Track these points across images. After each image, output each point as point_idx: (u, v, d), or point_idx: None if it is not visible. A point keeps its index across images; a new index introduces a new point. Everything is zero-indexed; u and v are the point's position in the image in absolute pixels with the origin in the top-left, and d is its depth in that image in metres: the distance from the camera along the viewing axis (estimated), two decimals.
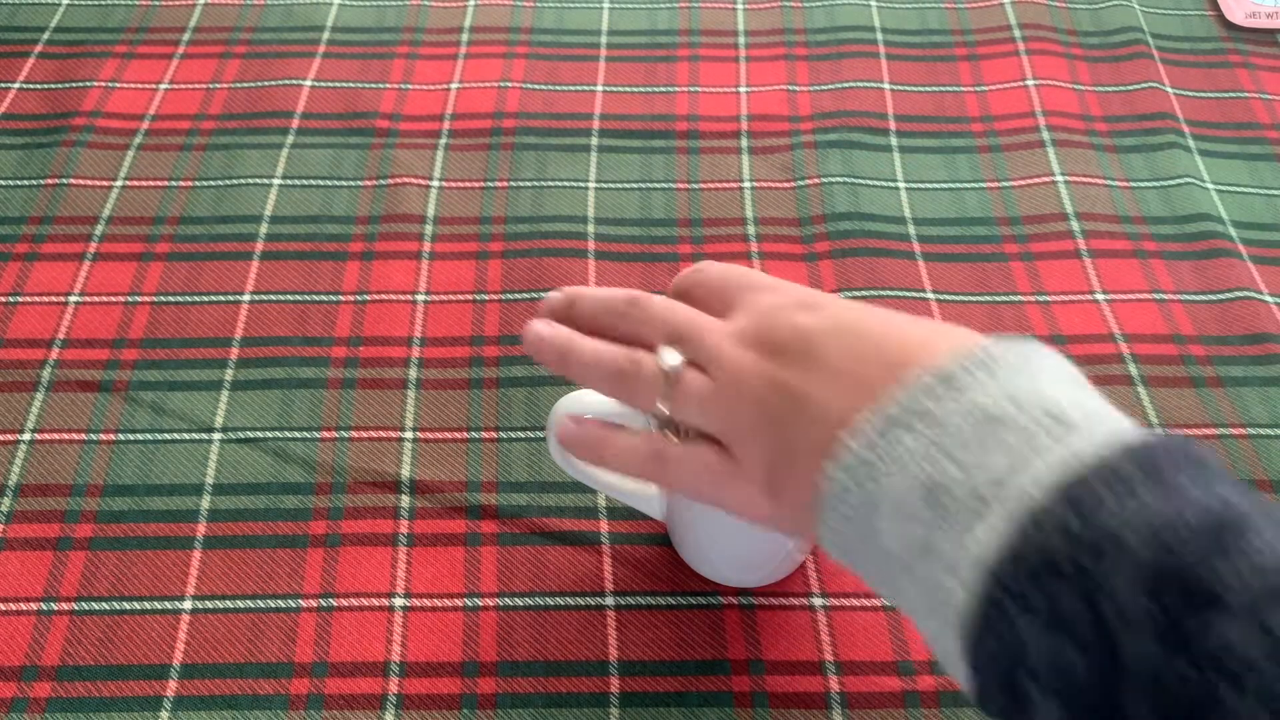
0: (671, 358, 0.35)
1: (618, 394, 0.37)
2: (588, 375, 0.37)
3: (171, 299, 0.62)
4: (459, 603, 0.50)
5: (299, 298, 0.62)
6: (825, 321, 0.33)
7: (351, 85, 0.74)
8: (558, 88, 0.75)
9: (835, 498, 0.30)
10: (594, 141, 0.71)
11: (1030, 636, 0.26)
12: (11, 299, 0.61)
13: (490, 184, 0.68)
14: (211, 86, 0.74)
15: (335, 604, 0.50)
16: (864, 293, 0.62)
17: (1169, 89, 0.75)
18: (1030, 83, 0.75)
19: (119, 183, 0.68)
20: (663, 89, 0.75)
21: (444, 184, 0.68)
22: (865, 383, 0.31)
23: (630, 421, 0.46)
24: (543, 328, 0.38)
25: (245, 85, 0.74)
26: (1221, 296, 0.62)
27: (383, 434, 0.56)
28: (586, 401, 0.46)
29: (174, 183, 0.68)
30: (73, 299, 0.61)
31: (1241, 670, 0.24)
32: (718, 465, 0.34)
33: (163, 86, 0.74)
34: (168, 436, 0.56)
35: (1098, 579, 0.26)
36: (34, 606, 0.49)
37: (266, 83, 0.74)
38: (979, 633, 0.27)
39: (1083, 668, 0.25)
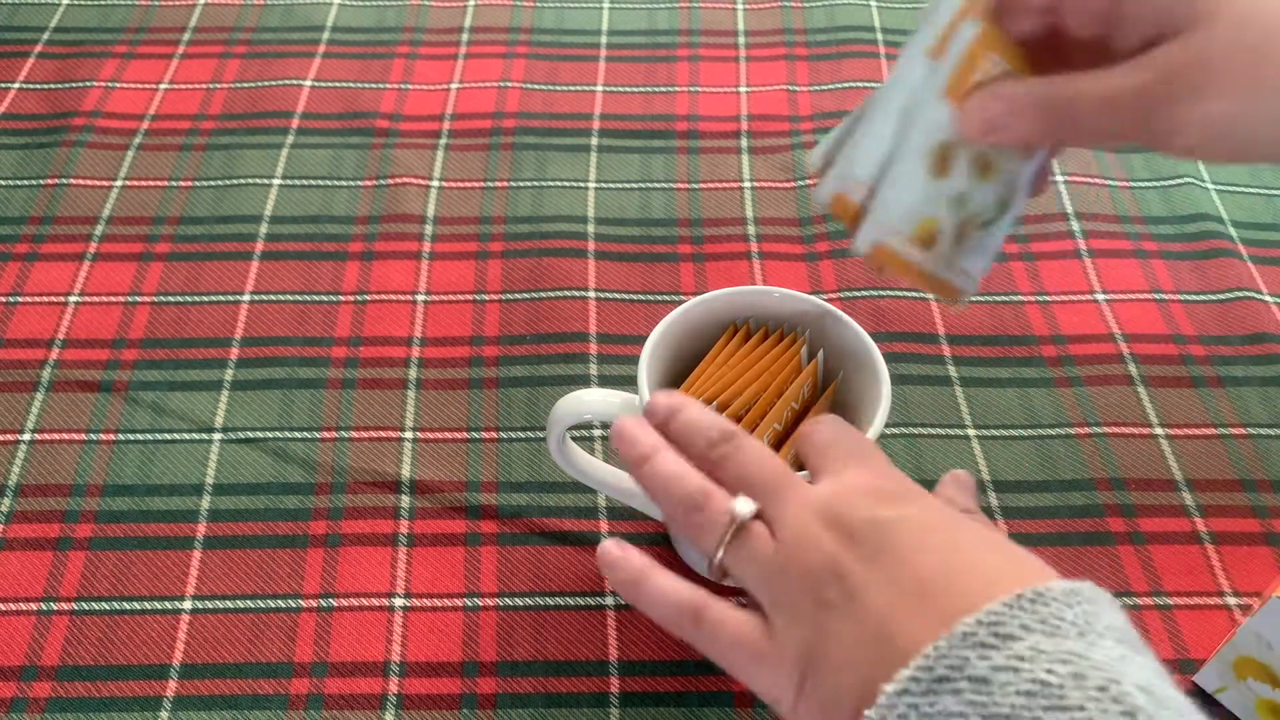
0: (745, 506, 0.33)
1: (684, 524, 0.34)
2: (658, 492, 0.35)
3: (171, 299, 0.62)
4: (459, 603, 0.50)
5: (299, 298, 0.62)
6: (904, 520, 0.31)
7: (351, 85, 0.74)
8: (558, 88, 0.75)
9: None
10: (594, 141, 0.71)
11: None
12: (11, 299, 0.61)
13: (490, 184, 0.68)
14: (211, 86, 0.74)
15: (335, 604, 0.50)
16: (865, 293, 0.62)
17: None
18: None
19: (119, 183, 0.68)
20: (663, 89, 0.75)
21: (444, 184, 0.68)
22: (922, 602, 0.29)
23: (627, 411, 0.46)
24: (632, 428, 0.36)
25: (245, 85, 0.74)
26: (1221, 296, 0.62)
27: (383, 434, 0.56)
28: (587, 402, 0.46)
29: (174, 183, 0.68)
30: (72, 299, 0.61)
31: None
32: (754, 638, 0.32)
33: (163, 86, 0.74)
34: (168, 436, 0.56)
35: None
36: (34, 606, 0.49)
37: (266, 83, 0.74)
38: None
39: None
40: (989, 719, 0.26)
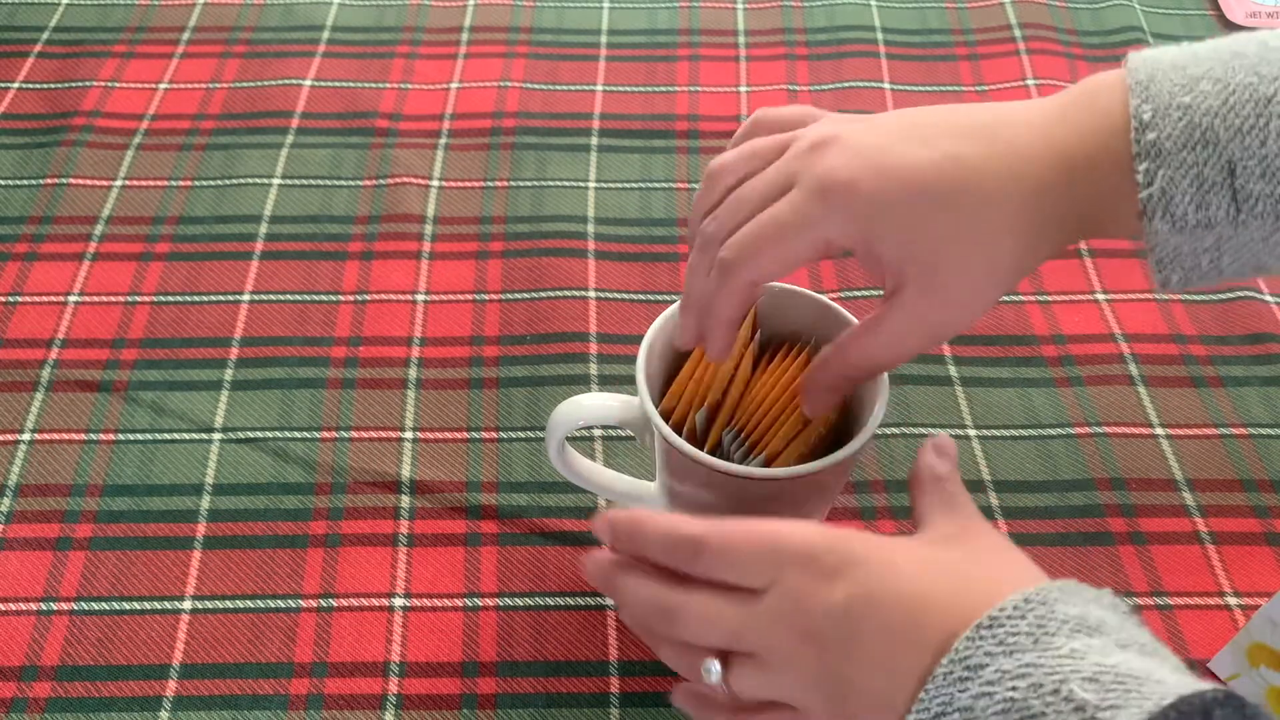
0: (712, 673, 0.37)
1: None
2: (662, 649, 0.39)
3: (171, 299, 0.62)
4: (459, 603, 0.50)
5: (299, 298, 0.62)
6: (855, 597, 0.34)
7: (351, 85, 0.74)
8: (558, 88, 0.74)
9: None
10: (594, 141, 0.71)
11: None
12: (11, 299, 0.61)
13: (490, 184, 0.68)
14: (211, 86, 0.74)
15: (335, 604, 0.50)
16: (865, 293, 0.62)
17: None
18: (1030, 82, 0.75)
19: (118, 182, 0.68)
20: (663, 89, 0.75)
21: (444, 184, 0.68)
22: (903, 664, 0.33)
23: (629, 427, 0.46)
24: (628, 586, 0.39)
25: (245, 85, 0.74)
26: (1222, 296, 0.62)
27: (383, 434, 0.56)
28: (585, 407, 0.46)
29: (174, 183, 0.68)
30: (72, 299, 0.61)
31: None
32: None
33: (162, 86, 0.74)
34: (167, 436, 0.56)
35: None
36: (34, 606, 0.49)
37: (266, 82, 0.74)
38: None
39: None
40: None
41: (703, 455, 0.41)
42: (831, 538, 0.36)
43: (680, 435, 0.43)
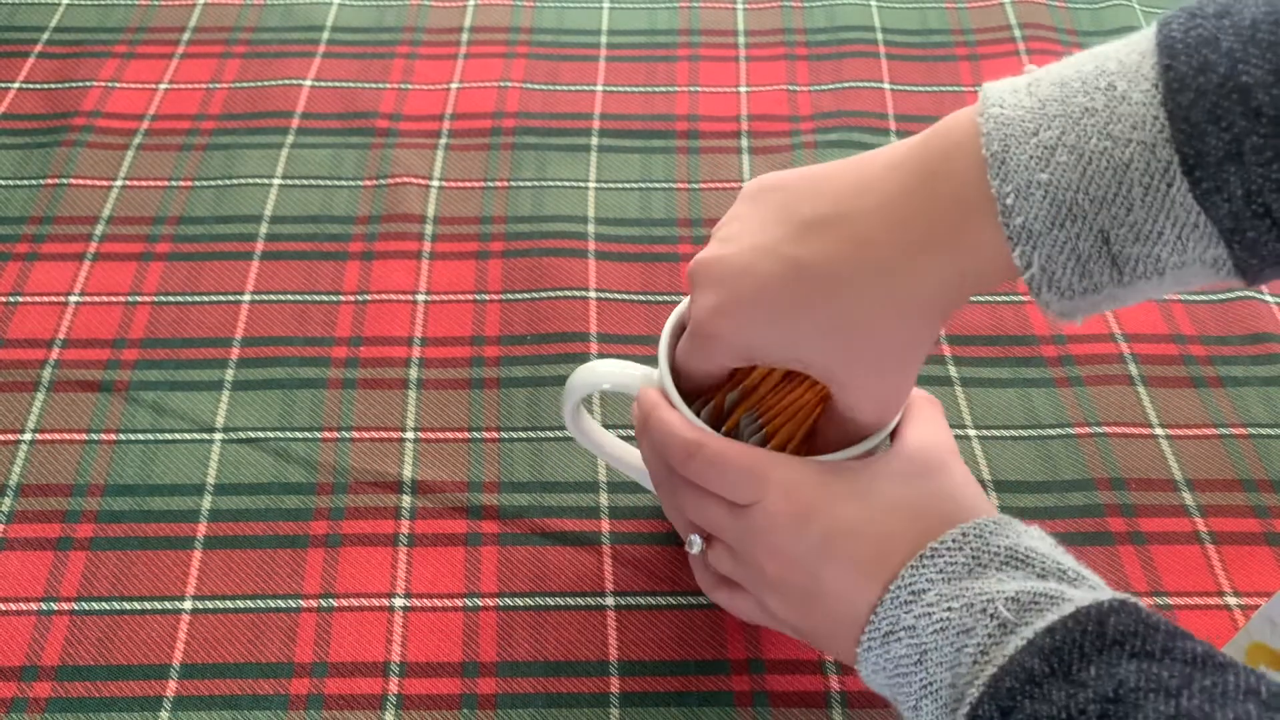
0: (695, 545, 0.44)
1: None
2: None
3: (171, 299, 0.62)
4: (459, 603, 0.50)
5: (299, 298, 0.62)
6: (830, 534, 0.39)
7: (351, 85, 0.74)
8: (558, 88, 0.75)
9: (863, 667, 0.39)
10: (594, 141, 0.71)
11: None
12: (12, 299, 0.61)
13: (490, 184, 0.68)
14: (211, 86, 0.74)
15: (335, 604, 0.50)
16: None
17: None
18: None
19: (119, 183, 0.68)
20: (663, 89, 0.75)
21: (444, 184, 0.68)
22: (864, 591, 0.38)
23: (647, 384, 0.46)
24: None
25: (245, 85, 0.74)
26: (1222, 296, 0.62)
27: (384, 434, 0.56)
28: (601, 371, 0.46)
29: (174, 183, 0.68)
30: (73, 299, 0.61)
31: None
32: (760, 613, 0.43)
33: (162, 86, 0.74)
34: (168, 436, 0.56)
35: None
36: (34, 606, 0.49)
37: (266, 83, 0.74)
38: None
39: None
40: (923, 652, 0.37)
41: (703, 426, 0.42)
42: (815, 475, 0.40)
43: (703, 413, 0.43)
